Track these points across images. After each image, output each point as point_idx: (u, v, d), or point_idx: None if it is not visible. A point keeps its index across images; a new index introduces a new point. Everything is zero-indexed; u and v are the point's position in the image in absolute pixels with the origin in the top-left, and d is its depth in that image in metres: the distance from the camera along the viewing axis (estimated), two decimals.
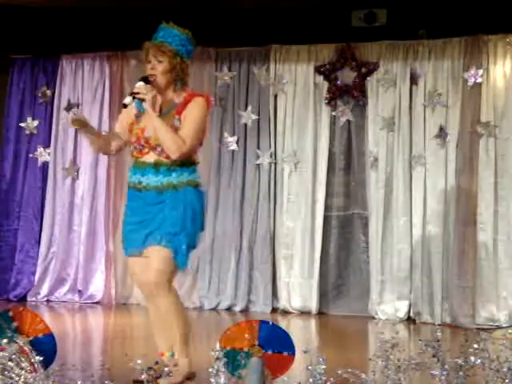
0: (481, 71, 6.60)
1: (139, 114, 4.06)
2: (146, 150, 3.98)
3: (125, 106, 3.97)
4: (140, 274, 4.04)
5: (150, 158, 3.97)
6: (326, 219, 7.02)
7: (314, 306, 6.97)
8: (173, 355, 4.08)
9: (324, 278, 6.98)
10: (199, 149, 4.13)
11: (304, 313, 6.99)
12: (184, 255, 3.94)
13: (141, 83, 3.94)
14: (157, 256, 3.92)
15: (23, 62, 7.69)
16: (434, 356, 3.03)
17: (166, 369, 3.75)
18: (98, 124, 7.47)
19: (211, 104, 4.19)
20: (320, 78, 7.08)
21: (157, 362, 4.01)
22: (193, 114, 3.97)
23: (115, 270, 7.30)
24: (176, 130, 3.93)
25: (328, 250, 7.02)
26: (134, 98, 3.92)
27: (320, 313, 6.95)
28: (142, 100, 3.91)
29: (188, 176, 3.98)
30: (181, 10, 6.65)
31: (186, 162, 3.99)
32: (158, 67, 3.98)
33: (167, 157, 3.94)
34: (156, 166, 3.95)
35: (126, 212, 4.10)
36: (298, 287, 7.05)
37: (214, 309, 7.09)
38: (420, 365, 3.05)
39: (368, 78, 6.97)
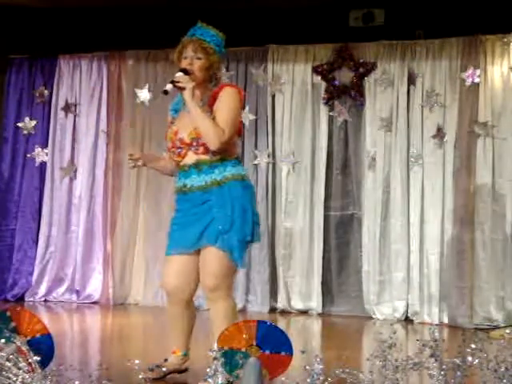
0: (478, 71, 6.59)
1: (173, 120, 4.02)
2: (184, 150, 3.88)
3: (166, 92, 3.87)
4: (176, 274, 3.94)
5: (190, 159, 3.87)
6: (324, 219, 7.00)
7: (312, 305, 6.97)
8: (185, 354, 4.05)
9: (322, 278, 6.97)
10: (237, 141, 4.06)
11: (302, 313, 6.99)
12: (239, 253, 3.81)
13: (180, 73, 3.86)
14: (212, 259, 3.81)
15: (21, 62, 7.68)
16: (431, 356, 3.03)
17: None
18: (96, 124, 7.49)
19: (243, 96, 4.03)
20: (318, 78, 7.08)
21: (166, 360, 4.04)
22: (225, 102, 3.85)
23: (113, 270, 7.29)
24: None
25: (326, 250, 7.01)
26: (174, 86, 3.84)
27: (318, 313, 6.94)
28: (183, 89, 3.82)
29: (231, 170, 3.87)
30: (178, 10, 6.65)
31: (227, 157, 3.88)
32: (196, 63, 3.88)
33: (205, 152, 3.84)
34: (197, 165, 3.85)
35: (175, 215, 4.01)
36: (297, 287, 7.05)
37: None
38: (418, 365, 3.05)
39: (366, 78, 6.97)
